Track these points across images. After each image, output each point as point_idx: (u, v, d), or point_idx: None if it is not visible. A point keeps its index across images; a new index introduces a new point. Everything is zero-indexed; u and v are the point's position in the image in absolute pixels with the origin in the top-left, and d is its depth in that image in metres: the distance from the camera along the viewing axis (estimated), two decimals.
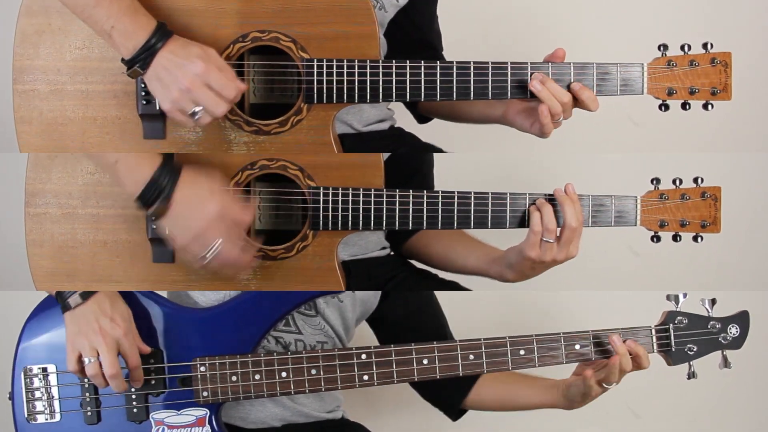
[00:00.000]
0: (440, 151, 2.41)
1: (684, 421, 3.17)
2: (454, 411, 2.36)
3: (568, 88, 2.05)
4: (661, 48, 2.03)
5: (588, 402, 2.15)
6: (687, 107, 2.04)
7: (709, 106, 2.04)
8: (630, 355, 2.04)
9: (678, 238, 2.10)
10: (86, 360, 1.92)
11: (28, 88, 2.10)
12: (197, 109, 1.93)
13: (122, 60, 1.95)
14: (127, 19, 1.92)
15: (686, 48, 2.03)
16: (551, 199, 2.06)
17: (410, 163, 2.36)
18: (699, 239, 2.10)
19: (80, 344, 1.93)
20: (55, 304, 2.01)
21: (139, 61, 1.92)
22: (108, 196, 2.10)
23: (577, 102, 2.07)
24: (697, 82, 2.03)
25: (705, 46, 2.02)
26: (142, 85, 2.01)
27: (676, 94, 2.04)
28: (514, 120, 2.22)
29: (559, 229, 2.05)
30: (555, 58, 2.07)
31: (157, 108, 2.03)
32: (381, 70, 2.02)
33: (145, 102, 2.04)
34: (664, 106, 2.06)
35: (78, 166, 2.11)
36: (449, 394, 2.33)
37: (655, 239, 2.10)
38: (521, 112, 2.20)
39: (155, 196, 1.93)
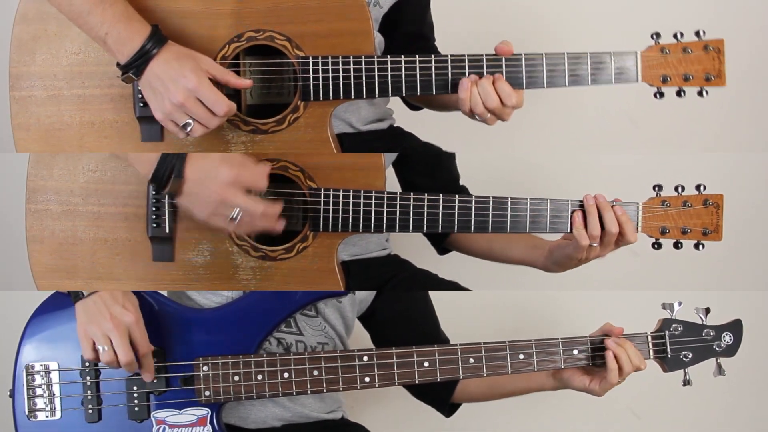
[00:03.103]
0: (441, 151, 2.42)
1: (684, 422, 3.15)
2: (445, 407, 2.35)
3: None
4: (654, 36, 2.04)
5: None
6: (682, 94, 2.05)
7: (704, 93, 2.04)
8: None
9: (679, 246, 2.09)
10: (100, 348, 1.92)
11: (25, 94, 2.11)
12: (189, 121, 1.95)
13: (117, 64, 1.96)
14: (122, 26, 1.93)
15: (679, 35, 2.04)
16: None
17: (429, 159, 2.37)
18: (700, 247, 2.09)
19: (93, 332, 1.93)
20: (60, 302, 2.02)
21: (134, 67, 1.93)
22: (109, 194, 2.10)
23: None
24: (690, 69, 2.04)
25: (697, 33, 2.03)
26: (139, 88, 2.02)
27: (671, 81, 2.04)
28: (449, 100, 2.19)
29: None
30: (502, 53, 2.03)
31: None
32: (376, 66, 2.02)
33: (142, 104, 2.04)
34: (659, 94, 2.06)
35: (79, 164, 2.11)
36: (437, 391, 2.32)
37: (656, 246, 2.09)
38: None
39: (167, 175, 1.92)
